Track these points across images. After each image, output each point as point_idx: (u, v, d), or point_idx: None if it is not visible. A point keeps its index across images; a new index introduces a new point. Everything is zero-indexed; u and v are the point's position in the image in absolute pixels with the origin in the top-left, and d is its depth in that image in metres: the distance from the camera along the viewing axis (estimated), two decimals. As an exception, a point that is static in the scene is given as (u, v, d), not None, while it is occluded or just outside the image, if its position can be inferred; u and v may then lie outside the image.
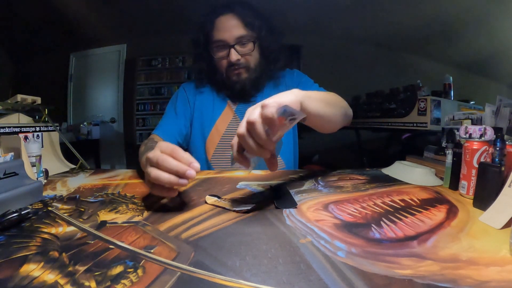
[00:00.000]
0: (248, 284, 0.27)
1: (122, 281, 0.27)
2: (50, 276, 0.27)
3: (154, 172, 0.42)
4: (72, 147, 0.86)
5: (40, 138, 0.78)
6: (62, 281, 0.27)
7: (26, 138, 0.71)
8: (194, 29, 0.90)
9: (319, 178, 0.68)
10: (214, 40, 0.84)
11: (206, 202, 0.49)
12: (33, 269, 0.29)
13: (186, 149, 0.78)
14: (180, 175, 0.42)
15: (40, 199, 0.51)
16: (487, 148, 0.51)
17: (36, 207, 0.48)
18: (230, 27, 0.82)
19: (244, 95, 0.89)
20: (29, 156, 0.61)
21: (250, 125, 0.40)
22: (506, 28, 1.64)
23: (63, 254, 0.32)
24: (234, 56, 0.82)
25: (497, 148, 0.47)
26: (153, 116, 3.02)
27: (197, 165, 0.43)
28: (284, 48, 0.94)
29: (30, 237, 0.36)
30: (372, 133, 2.07)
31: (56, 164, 0.80)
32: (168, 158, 0.43)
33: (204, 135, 0.89)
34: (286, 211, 0.45)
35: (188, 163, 0.43)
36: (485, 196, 0.46)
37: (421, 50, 2.28)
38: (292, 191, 0.56)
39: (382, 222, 0.41)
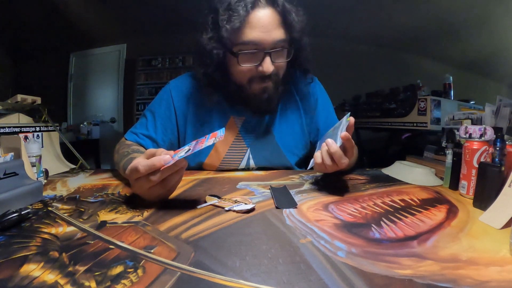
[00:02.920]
0: (248, 284, 0.27)
1: (122, 281, 0.27)
2: (50, 276, 0.27)
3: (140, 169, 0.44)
4: (72, 147, 0.86)
5: (40, 138, 0.78)
6: (62, 281, 0.27)
7: (26, 138, 0.71)
8: (206, 19, 0.67)
9: (319, 178, 0.68)
10: (244, 41, 0.62)
11: (206, 202, 0.49)
12: (33, 269, 0.29)
13: None
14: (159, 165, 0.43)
15: (40, 199, 0.51)
16: (487, 148, 0.51)
17: (36, 207, 0.48)
18: (269, 27, 0.62)
19: (262, 111, 0.74)
20: (29, 156, 0.61)
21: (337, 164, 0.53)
22: (506, 28, 1.64)
23: (63, 254, 0.32)
24: (270, 66, 0.63)
25: (497, 148, 0.47)
26: (153, 116, 3.03)
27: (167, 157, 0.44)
28: (311, 60, 0.76)
29: (30, 237, 0.36)
30: (372, 133, 2.07)
31: (56, 164, 0.80)
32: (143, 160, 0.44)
33: (200, 158, 0.75)
34: (286, 211, 0.45)
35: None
36: (485, 196, 0.46)
37: (421, 50, 2.28)
38: (292, 191, 0.56)
39: (382, 222, 0.41)
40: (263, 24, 0.62)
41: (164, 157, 0.44)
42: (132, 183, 0.47)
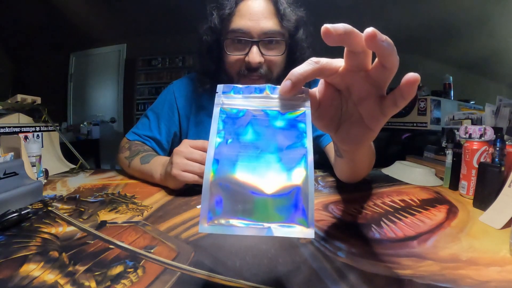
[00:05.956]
0: (248, 284, 0.27)
1: (122, 281, 0.27)
2: (50, 276, 0.27)
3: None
4: (72, 147, 0.86)
5: (40, 138, 0.78)
6: (62, 281, 0.27)
7: (26, 138, 0.71)
8: (207, 11, 0.66)
9: (319, 178, 0.68)
10: (232, 28, 0.61)
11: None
12: (33, 269, 0.29)
13: None
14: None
15: (40, 199, 0.51)
16: (487, 148, 0.51)
17: (36, 207, 0.48)
18: (259, 16, 0.59)
19: None
20: (29, 156, 0.61)
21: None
22: (506, 28, 1.64)
23: (63, 254, 0.32)
24: (256, 56, 0.60)
25: (497, 148, 0.47)
26: (153, 116, 3.03)
27: None
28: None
29: (30, 237, 0.36)
30: (372, 133, 2.07)
31: (56, 164, 0.80)
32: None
33: None
34: (286, 211, 0.45)
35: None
36: (485, 196, 0.46)
37: (421, 50, 2.28)
38: (292, 191, 0.56)
39: (382, 222, 0.41)
40: (252, 12, 0.60)
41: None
42: (180, 148, 0.52)
